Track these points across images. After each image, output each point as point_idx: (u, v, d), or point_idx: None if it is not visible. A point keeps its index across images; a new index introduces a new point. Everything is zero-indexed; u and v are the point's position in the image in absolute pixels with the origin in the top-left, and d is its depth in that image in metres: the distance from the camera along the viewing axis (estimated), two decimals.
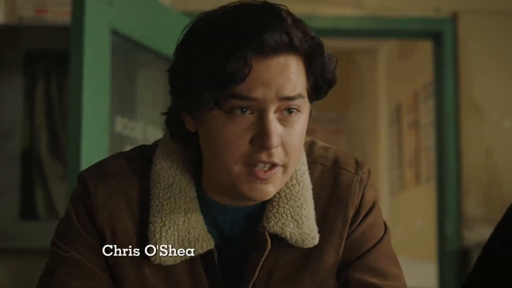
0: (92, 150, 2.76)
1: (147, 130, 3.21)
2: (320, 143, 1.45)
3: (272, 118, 1.24)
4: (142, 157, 1.39)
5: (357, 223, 1.39)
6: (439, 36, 4.20)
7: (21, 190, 3.42)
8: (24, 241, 3.34)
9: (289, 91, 1.24)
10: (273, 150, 1.25)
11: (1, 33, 3.43)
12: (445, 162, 4.13)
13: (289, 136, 1.27)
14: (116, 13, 2.92)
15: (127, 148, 2.69)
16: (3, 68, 3.44)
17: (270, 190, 1.29)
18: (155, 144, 1.42)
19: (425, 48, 5.01)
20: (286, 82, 1.24)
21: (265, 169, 1.27)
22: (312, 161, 1.40)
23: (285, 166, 1.28)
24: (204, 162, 1.34)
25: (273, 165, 1.27)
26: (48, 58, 3.50)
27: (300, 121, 1.28)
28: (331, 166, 1.40)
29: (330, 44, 1.35)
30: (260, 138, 1.24)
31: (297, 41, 1.24)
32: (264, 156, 1.25)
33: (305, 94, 1.28)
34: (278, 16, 1.24)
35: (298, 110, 1.27)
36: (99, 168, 1.39)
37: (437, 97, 4.27)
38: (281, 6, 1.28)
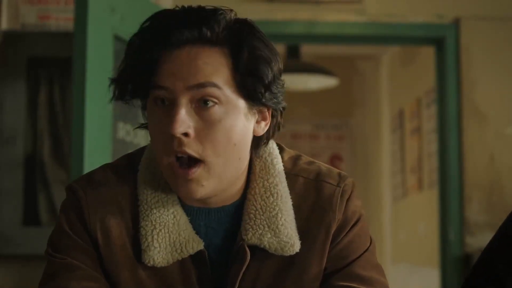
0: (95, 156, 2.77)
1: (149, 136, 3.21)
2: (305, 157, 1.47)
3: (182, 105, 1.28)
4: (129, 165, 1.42)
5: (344, 234, 1.40)
6: (442, 42, 4.20)
7: (24, 196, 3.42)
8: (27, 247, 3.34)
9: (196, 79, 1.27)
10: (184, 140, 1.28)
11: (4, 39, 3.43)
12: (447, 168, 4.13)
13: (206, 128, 1.29)
14: (119, 19, 2.93)
15: None
16: (6, 74, 3.44)
17: (195, 188, 1.31)
18: (143, 149, 1.45)
19: (428, 54, 5.01)
20: (194, 71, 1.28)
21: (184, 166, 1.29)
22: (294, 174, 1.42)
23: (206, 163, 1.30)
24: None
25: (195, 162, 1.29)
26: (51, 64, 3.50)
27: (223, 116, 1.30)
28: (313, 179, 1.42)
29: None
30: (168, 125, 1.27)
31: (209, 34, 1.28)
32: (175, 145, 1.28)
33: (224, 86, 1.29)
34: (192, 13, 1.30)
35: (216, 103, 1.29)
36: (87, 178, 1.41)
37: (440, 103, 4.27)
38: (223, 7, 1.33)
